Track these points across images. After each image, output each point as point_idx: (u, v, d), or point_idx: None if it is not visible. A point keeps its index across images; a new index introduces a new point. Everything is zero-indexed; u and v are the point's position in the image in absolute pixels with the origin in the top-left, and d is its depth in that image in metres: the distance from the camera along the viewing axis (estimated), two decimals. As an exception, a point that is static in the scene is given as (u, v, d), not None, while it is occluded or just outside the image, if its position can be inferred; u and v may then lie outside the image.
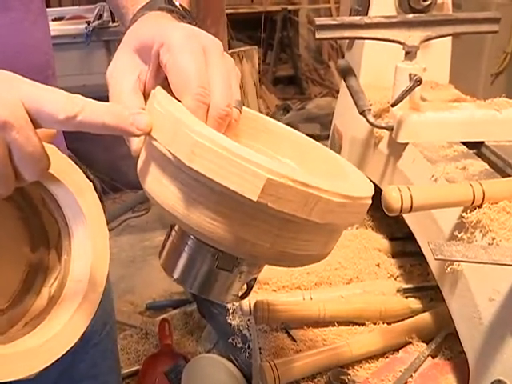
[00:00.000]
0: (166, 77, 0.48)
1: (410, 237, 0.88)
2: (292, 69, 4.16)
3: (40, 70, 0.72)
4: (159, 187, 0.45)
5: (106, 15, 2.81)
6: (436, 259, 0.49)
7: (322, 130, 2.46)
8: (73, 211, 0.52)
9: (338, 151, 1.11)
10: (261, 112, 2.43)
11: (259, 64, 3.35)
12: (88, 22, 2.72)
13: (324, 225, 0.43)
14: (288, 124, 0.58)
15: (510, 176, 0.73)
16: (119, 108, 0.44)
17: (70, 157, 0.53)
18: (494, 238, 0.58)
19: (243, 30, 4.18)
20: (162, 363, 1.86)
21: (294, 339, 0.80)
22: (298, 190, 0.40)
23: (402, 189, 0.59)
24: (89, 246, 0.53)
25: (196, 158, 0.40)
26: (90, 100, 0.42)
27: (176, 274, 0.50)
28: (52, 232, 0.56)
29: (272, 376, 0.70)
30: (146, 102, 0.48)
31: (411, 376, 0.71)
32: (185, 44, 0.47)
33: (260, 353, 0.79)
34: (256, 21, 4.10)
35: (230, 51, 2.80)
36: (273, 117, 0.60)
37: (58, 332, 0.49)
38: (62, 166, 0.50)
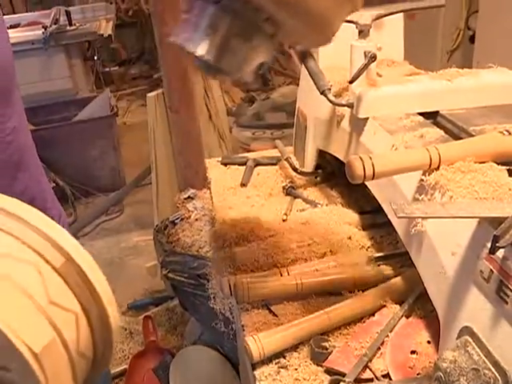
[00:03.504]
0: None
1: (378, 209, 0.92)
2: (254, 61, 4.18)
3: (10, 76, 0.73)
4: None
5: (63, 19, 2.78)
6: (398, 217, 0.52)
7: (288, 117, 2.48)
8: None
9: (304, 133, 1.14)
10: (226, 105, 2.43)
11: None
12: (45, 27, 2.69)
13: None
14: (254, 114, 0.62)
15: (464, 140, 0.78)
16: None
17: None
18: (451, 197, 0.62)
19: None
20: (149, 360, 1.87)
21: (275, 314, 0.83)
22: None
23: (364, 157, 0.62)
24: None
25: None
26: None
27: (198, 48, 0.55)
28: None
29: (256, 348, 0.72)
30: None
31: (387, 336, 0.75)
32: None
33: (243, 330, 0.81)
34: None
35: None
36: (239, 108, 0.65)
37: None
38: None
